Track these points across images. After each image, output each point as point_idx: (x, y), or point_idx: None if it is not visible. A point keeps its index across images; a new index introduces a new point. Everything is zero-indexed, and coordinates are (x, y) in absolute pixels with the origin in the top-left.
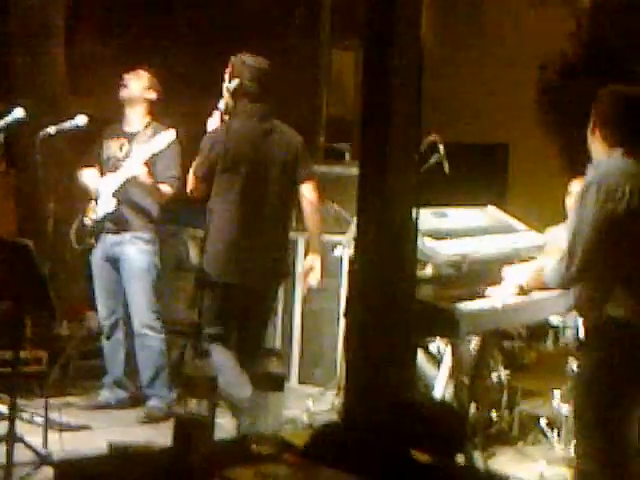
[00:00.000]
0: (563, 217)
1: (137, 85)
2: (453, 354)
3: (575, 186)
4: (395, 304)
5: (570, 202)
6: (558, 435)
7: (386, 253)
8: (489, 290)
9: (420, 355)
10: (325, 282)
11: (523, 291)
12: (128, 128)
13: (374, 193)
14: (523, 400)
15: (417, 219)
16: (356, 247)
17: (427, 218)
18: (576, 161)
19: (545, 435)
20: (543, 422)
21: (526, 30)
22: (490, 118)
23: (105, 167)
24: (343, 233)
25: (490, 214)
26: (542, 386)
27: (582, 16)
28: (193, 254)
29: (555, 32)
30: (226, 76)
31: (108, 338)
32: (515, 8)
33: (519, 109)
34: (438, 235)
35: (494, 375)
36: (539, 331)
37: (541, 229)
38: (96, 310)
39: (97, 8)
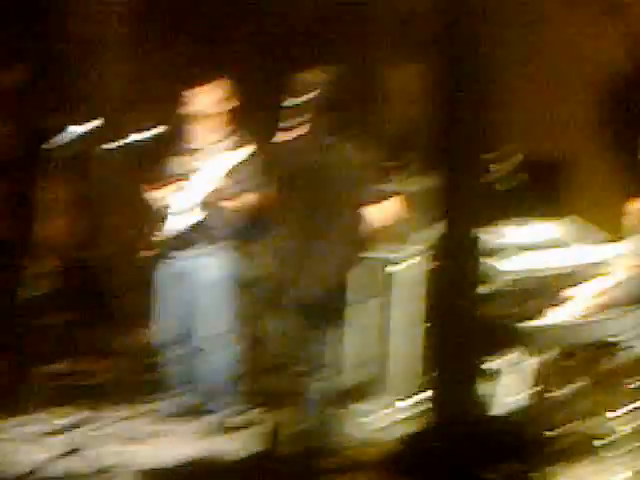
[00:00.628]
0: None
1: (209, 98)
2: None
3: (632, 206)
4: (475, 319)
5: (628, 222)
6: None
7: (451, 272)
8: (560, 305)
9: None
10: (375, 297)
11: (595, 309)
12: (201, 141)
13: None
14: (585, 418)
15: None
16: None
17: (508, 231)
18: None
19: (603, 456)
20: (603, 441)
21: (583, 48)
22: (544, 135)
23: (178, 182)
24: (396, 250)
25: (573, 224)
26: (606, 404)
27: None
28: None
29: (613, 51)
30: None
31: (168, 352)
32: (572, 27)
33: (575, 127)
34: (519, 248)
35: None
36: (598, 349)
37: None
38: (156, 323)
39: (161, 17)
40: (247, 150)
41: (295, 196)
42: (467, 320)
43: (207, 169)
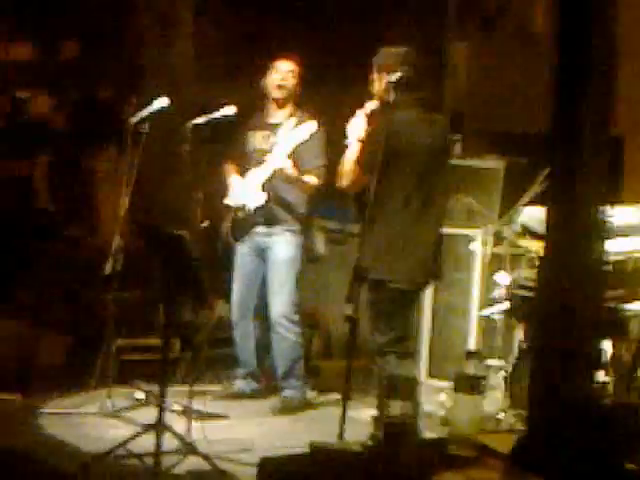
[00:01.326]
0: None
1: (293, 80)
2: (614, 355)
3: None
4: (585, 305)
5: None
6: None
7: (577, 253)
8: None
9: None
10: (456, 276)
11: None
12: (272, 119)
13: (565, 192)
14: None
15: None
16: (546, 247)
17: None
18: None
19: None
20: None
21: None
22: None
23: (250, 159)
24: (476, 227)
25: None
26: None
27: None
28: (320, 245)
29: None
30: (376, 70)
31: (238, 328)
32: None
33: (635, 102)
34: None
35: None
36: None
37: None
38: (228, 300)
39: None
40: (314, 126)
41: (395, 173)
42: (594, 303)
43: (280, 147)
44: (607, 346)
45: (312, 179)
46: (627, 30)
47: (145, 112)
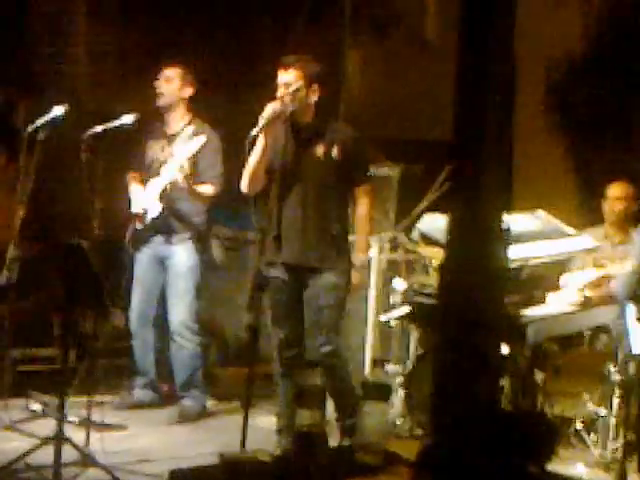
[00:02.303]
0: (599, 220)
1: (170, 87)
2: (513, 359)
3: (613, 190)
4: (486, 311)
5: (607, 206)
6: (593, 438)
7: (477, 259)
8: (550, 296)
9: None
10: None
11: (586, 299)
12: (169, 128)
13: (466, 199)
14: (557, 403)
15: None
16: (447, 254)
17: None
18: (584, 163)
19: (581, 438)
20: (578, 425)
21: (532, 31)
22: None
23: (149, 169)
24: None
25: (540, 218)
26: (577, 389)
27: (590, 17)
28: (219, 253)
29: (562, 33)
30: (285, 76)
31: (137, 338)
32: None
33: (524, 109)
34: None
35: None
36: (575, 335)
37: None
38: (126, 308)
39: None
40: (209, 138)
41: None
42: (496, 308)
43: (174, 158)
44: (504, 351)
45: (208, 189)
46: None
47: (41, 120)
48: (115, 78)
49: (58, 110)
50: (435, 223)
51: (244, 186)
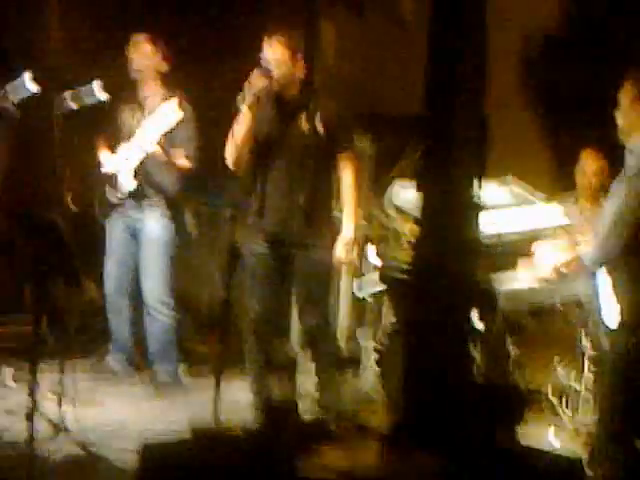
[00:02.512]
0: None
1: (144, 57)
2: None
3: (585, 159)
4: (458, 280)
5: (579, 175)
6: (564, 405)
7: (451, 232)
8: (521, 266)
9: None
10: None
11: (557, 270)
12: (140, 98)
13: (438, 171)
14: (530, 374)
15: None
16: (421, 227)
17: None
18: (558, 136)
19: (552, 406)
20: (550, 394)
21: (508, 5)
22: None
23: (118, 137)
24: None
25: (509, 185)
26: (549, 360)
27: None
28: (192, 226)
29: (538, 7)
30: (271, 49)
31: (113, 309)
32: None
33: (498, 81)
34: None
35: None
36: (547, 306)
37: None
38: (99, 281)
39: None
40: (175, 106)
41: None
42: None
43: (150, 131)
44: (476, 321)
45: (184, 161)
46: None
47: (11, 92)
48: (89, 48)
49: (27, 81)
50: (409, 197)
51: (229, 159)
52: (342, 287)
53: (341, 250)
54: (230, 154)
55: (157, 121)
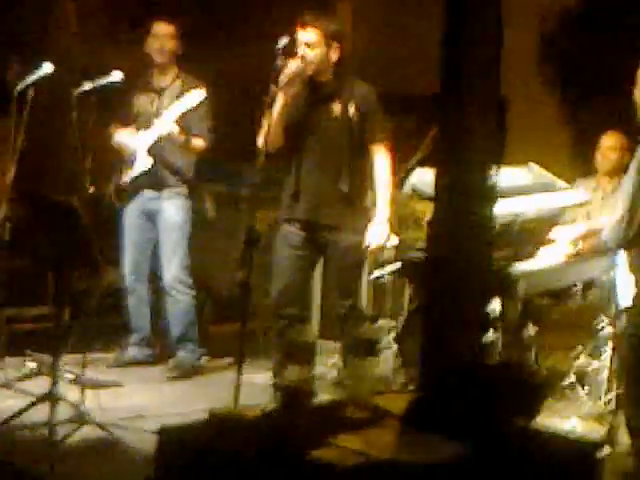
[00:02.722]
0: (592, 171)
1: (162, 38)
2: (505, 313)
3: (607, 140)
4: (473, 266)
5: (600, 156)
6: (586, 390)
7: (465, 214)
8: (541, 250)
9: None
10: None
11: (576, 252)
12: (156, 82)
13: (453, 154)
14: (550, 357)
15: (496, 181)
16: (435, 208)
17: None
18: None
19: (573, 391)
20: (571, 378)
21: None
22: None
23: (137, 123)
24: None
25: (533, 172)
26: (569, 343)
27: None
28: (210, 209)
29: None
30: (305, 35)
31: (132, 295)
32: None
33: (517, 61)
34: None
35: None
36: (566, 288)
37: None
38: (117, 265)
39: None
40: (202, 94)
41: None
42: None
43: (167, 112)
44: (496, 305)
45: (200, 143)
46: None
47: (30, 78)
48: (104, 33)
49: (47, 67)
50: (426, 177)
51: (263, 143)
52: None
53: (374, 236)
54: (264, 136)
55: (175, 104)
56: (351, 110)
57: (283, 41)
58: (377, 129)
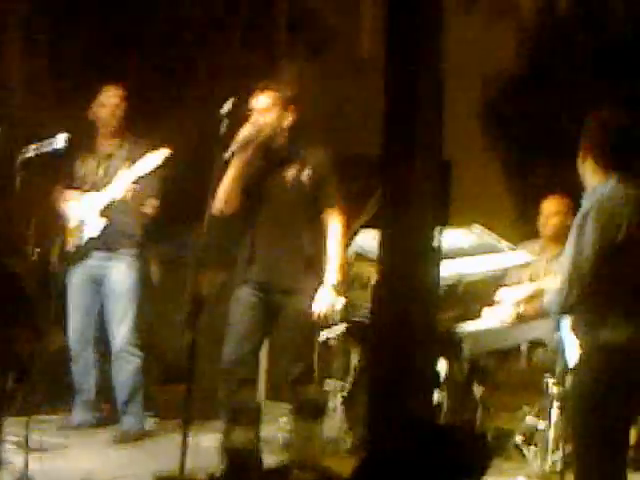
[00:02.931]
0: (536, 234)
1: (112, 103)
2: (451, 374)
3: (548, 205)
4: (419, 327)
5: (543, 221)
6: (533, 451)
7: (409, 276)
8: (485, 311)
9: None
10: None
11: (520, 314)
12: (103, 145)
13: (397, 215)
14: (497, 417)
15: (441, 241)
16: (379, 271)
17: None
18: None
19: (521, 451)
20: (518, 438)
21: (468, 46)
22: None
23: (83, 186)
24: None
25: (477, 233)
26: (516, 403)
27: (525, 32)
28: (155, 272)
29: (499, 47)
30: (261, 100)
31: (78, 360)
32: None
33: (460, 125)
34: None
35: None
36: (512, 349)
37: None
38: (63, 330)
39: (52, 19)
40: (164, 154)
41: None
42: (430, 326)
43: (125, 174)
44: (442, 366)
45: (154, 204)
46: (452, 54)
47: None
48: (48, 97)
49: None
50: (371, 240)
51: (218, 207)
52: None
53: (319, 302)
54: (219, 200)
55: (132, 167)
56: (305, 174)
57: (228, 105)
58: (331, 194)
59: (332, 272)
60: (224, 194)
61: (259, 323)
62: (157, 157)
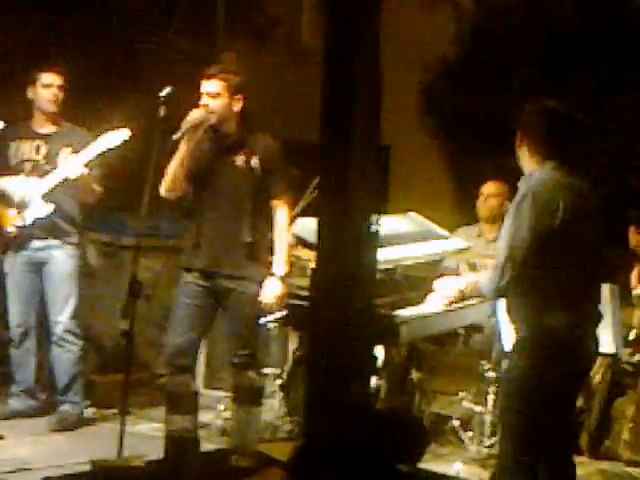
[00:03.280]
0: (473, 219)
1: (55, 88)
2: (388, 359)
3: (487, 188)
4: (357, 313)
5: (481, 204)
6: (470, 435)
7: (347, 262)
8: (428, 297)
9: None
10: None
11: (458, 299)
12: (41, 128)
13: (334, 202)
14: (434, 402)
15: (378, 227)
16: (317, 257)
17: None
18: (458, 165)
19: (457, 436)
20: (455, 423)
21: (406, 33)
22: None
23: (21, 170)
24: None
25: (413, 220)
26: (453, 388)
27: (463, 20)
28: (94, 258)
29: (436, 35)
30: (209, 86)
31: (18, 346)
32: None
33: (399, 112)
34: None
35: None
36: (449, 334)
37: None
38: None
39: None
40: (127, 134)
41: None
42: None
43: (81, 155)
44: (380, 351)
45: (99, 188)
46: (390, 42)
47: None
48: None
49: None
50: (309, 225)
51: (164, 190)
52: None
53: (266, 292)
54: (164, 184)
55: (98, 145)
56: (254, 162)
57: (166, 90)
58: (279, 184)
59: (280, 263)
60: (171, 176)
61: (203, 311)
62: (120, 134)
